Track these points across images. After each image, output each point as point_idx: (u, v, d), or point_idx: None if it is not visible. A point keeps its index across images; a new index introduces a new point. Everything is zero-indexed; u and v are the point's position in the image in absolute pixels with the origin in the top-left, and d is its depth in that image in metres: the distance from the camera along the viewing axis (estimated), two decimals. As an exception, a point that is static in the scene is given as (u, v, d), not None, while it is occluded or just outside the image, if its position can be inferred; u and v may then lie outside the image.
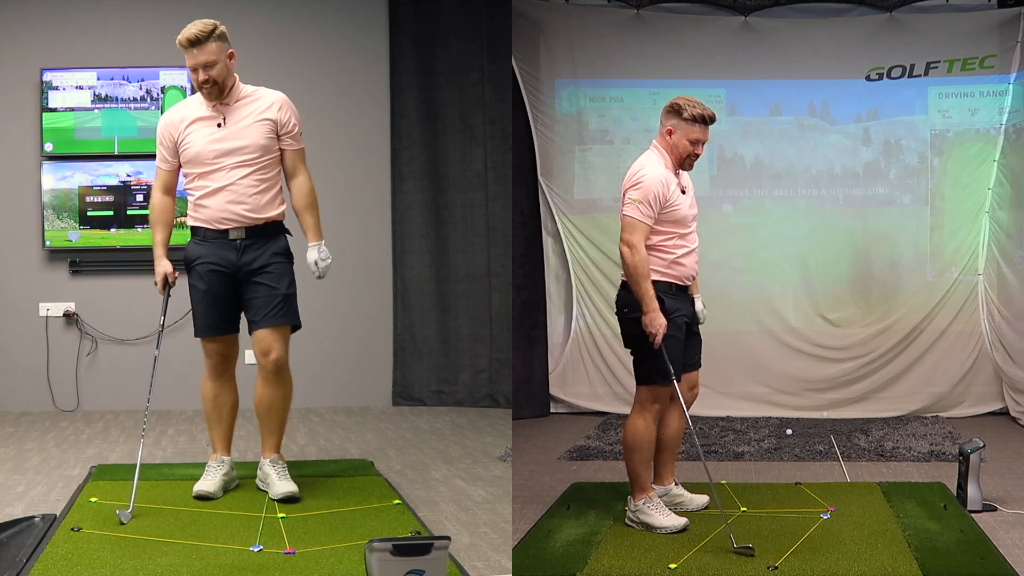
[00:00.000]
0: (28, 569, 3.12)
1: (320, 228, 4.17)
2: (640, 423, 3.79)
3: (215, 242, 4.03)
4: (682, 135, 3.78)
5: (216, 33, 3.93)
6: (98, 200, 6.78)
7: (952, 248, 6.34)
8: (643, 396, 3.81)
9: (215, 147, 3.97)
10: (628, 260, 3.67)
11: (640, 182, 3.70)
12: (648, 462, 3.84)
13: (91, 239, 6.80)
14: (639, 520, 3.80)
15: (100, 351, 6.89)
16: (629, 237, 3.68)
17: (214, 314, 4.09)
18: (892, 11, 6.29)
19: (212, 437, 4.27)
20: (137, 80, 6.80)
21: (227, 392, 4.22)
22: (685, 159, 3.82)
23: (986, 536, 3.64)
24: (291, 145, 4.09)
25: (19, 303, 6.84)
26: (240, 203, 3.99)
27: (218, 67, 3.92)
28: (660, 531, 3.74)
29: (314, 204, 4.15)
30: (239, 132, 3.98)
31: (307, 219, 4.14)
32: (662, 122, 3.85)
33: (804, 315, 6.47)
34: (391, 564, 2.77)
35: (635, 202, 3.68)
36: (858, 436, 5.59)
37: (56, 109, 6.75)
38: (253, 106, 4.03)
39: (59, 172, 6.76)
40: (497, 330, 7.10)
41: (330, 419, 6.54)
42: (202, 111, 4.01)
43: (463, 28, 7.11)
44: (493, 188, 7.12)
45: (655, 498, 3.82)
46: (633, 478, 3.82)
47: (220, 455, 4.22)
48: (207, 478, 4.13)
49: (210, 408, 4.23)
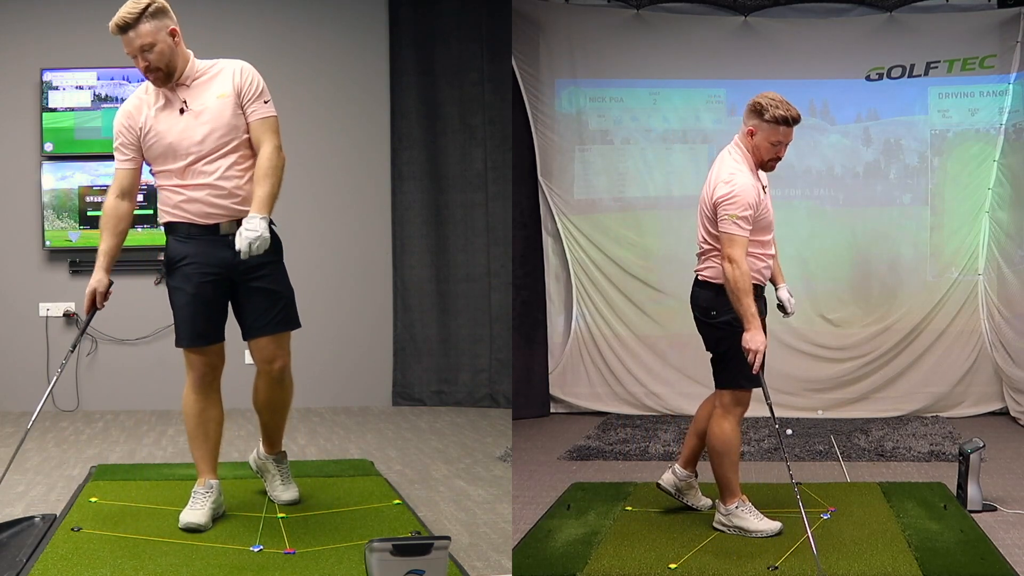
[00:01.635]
0: (28, 569, 3.12)
1: (268, 202, 3.49)
2: (727, 426, 3.68)
3: (204, 239, 3.58)
4: (764, 137, 3.62)
5: (149, 11, 3.42)
6: (98, 200, 6.78)
7: (952, 248, 6.34)
8: (727, 400, 3.71)
9: (187, 136, 3.52)
10: (730, 276, 3.52)
11: (735, 195, 3.52)
12: (736, 465, 3.74)
13: (91, 239, 6.79)
14: (732, 524, 3.71)
15: (100, 351, 6.89)
16: (731, 252, 3.51)
17: (201, 322, 3.63)
18: (892, 11, 6.29)
19: (196, 459, 3.77)
20: (137, 80, 6.77)
21: (212, 407, 3.75)
22: (767, 161, 3.68)
23: (986, 536, 3.64)
24: (254, 113, 3.56)
25: (19, 303, 6.85)
26: (228, 196, 3.56)
27: (158, 48, 3.44)
28: (755, 535, 3.65)
29: (270, 174, 3.52)
30: (206, 115, 3.53)
31: (256, 188, 3.51)
32: (744, 121, 3.69)
33: (804, 315, 6.45)
34: (391, 564, 2.76)
35: (733, 218, 3.52)
36: (858, 436, 5.59)
37: (56, 109, 6.75)
38: (214, 83, 3.56)
39: (59, 172, 6.76)
40: (497, 330, 7.10)
41: (330, 419, 6.54)
42: (160, 99, 3.56)
43: (463, 28, 7.12)
44: (493, 188, 7.12)
45: (747, 502, 3.72)
46: (723, 483, 3.71)
47: (207, 479, 3.73)
48: (194, 507, 3.65)
49: (194, 426, 3.75)
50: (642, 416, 6.30)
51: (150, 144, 3.57)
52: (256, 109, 3.57)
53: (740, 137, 3.70)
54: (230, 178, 3.56)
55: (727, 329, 3.61)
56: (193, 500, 3.71)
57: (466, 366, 7.18)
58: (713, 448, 3.72)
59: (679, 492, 4.00)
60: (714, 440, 3.71)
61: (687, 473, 4.00)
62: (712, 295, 3.68)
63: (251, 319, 3.70)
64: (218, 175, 3.55)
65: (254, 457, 4.14)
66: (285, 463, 4.09)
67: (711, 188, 3.62)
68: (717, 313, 3.66)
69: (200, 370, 3.69)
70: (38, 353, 6.83)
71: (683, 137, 6.55)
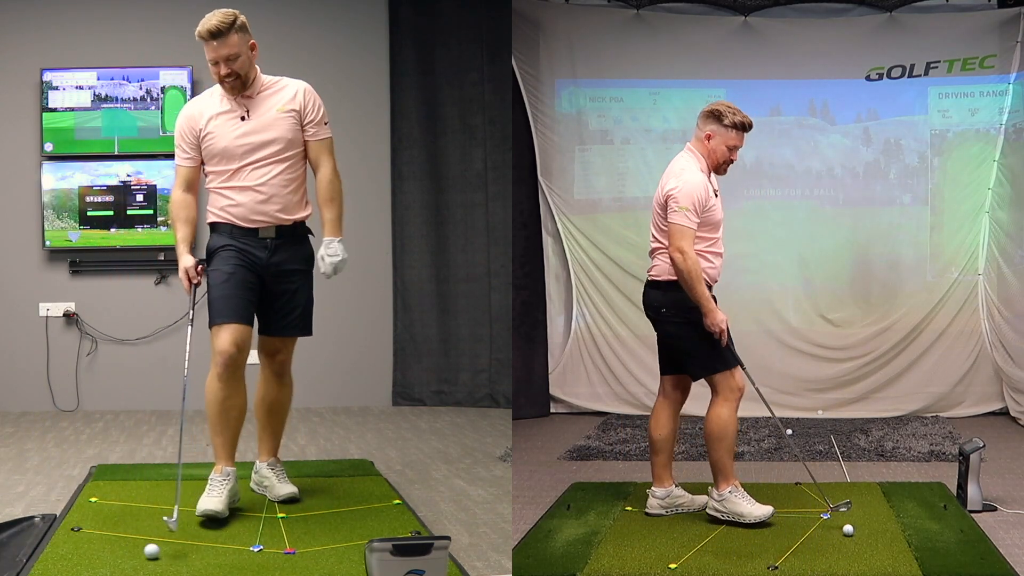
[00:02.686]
0: (28, 569, 3.12)
1: (339, 224, 3.92)
2: (724, 411, 3.79)
3: (243, 240, 3.81)
4: (720, 141, 3.85)
5: (237, 24, 3.70)
6: (98, 200, 6.79)
7: (952, 248, 6.34)
8: (716, 387, 3.83)
9: (243, 141, 3.77)
10: (681, 266, 3.71)
11: (683, 189, 3.74)
12: (732, 451, 3.84)
13: (91, 239, 6.80)
14: (726, 509, 3.79)
15: (100, 351, 6.89)
16: (680, 243, 3.72)
17: (238, 299, 3.76)
18: (892, 11, 6.29)
19: (215, 445, 3.83)
20: (137, 80, 6.80)
21: (237, 395, 3.80)
22: (721, 164, 3.89)
23: (986, 536, 3.64)
24: (314, 135, 3.88)
25: (19, 303, 6.84)
26: (272, 202, 3.81)
27: (241, 59, 3.72)
28: (749, 519, 3.74)
29: (335, 198, 3.92)
30: (265, 125, 3.80)
31: (325, 212, 3.91)
32: (699, 126, 3.89)
33: (804, 315, 6.46)
34: (391, 564, 2.77)
35: (683, 210, 3.72)
36: (858, 436, 5.59)
37: (56, 109, 6.75)
38: (276, 97, 3.84)
39: (59, 172, 6.76)
40: (497, 330, 7.10)
41: (330, 419, 6.54)
42: (223, 105, 3.81)
43: (463, 28, 7.12)
44: (493, 188, 7.12)
45: (740, 487, 3.82)
46: (718, 467, 3.81)
47: (224, 466, 3.80)
48: (211, 495, 3.71)
49: (216, 413, 3.79)
50: (642, 416, 6.29)
51: (208, 145, 3.80)
52: (317, 131, 3.90)
53: (693, 143, 3.93)
54: (275, 186, 3.81)
55: (681, 323, 3.80)
56: (210, 487, 3.75)
57: (466, 366, 7.18)
58: (710, 432, 3.82)
59: (670, 508, 4.00)
60: (711, 425, 3.82)
61: (665, 491, 4.01)
62: (660, 293, 3.86)
63: (270, 318, 3.94)
64: (264, 181, 3.80)
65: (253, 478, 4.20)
66: (279, 465, 4.19)
67: (663, 184, 3.82)
68: (668, 311, 3.85)
69: (229, 351, 3.71)
70: (38, 353, 6.83)
71: (683, 137, 6.48)
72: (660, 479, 4.02)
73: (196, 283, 3.81)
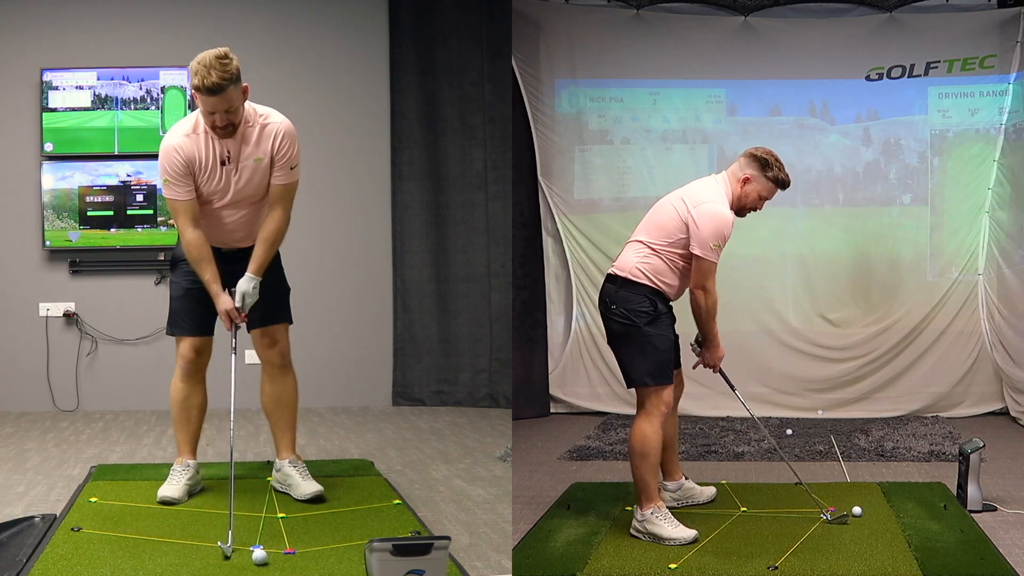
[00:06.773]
0: (28, 569, 3.12)
1: (264, 267, 3.93)
2: (648, 428, 3.69)
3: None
4: (755, 188, 3.77)
5: (235, 76, 3.61)
6: (98, 200, 6.78)
7: (952, 248, 6.34)
8: (643, 400, 3.74)
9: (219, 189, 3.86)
10: (702, 303, 3.72)
11: (720, 229, 3.66)
12: (656, 469, 3.76)
13: (91, 239, 6.80)
14: (647, 531, 3.68)
15: (100, 351, 6.89)
16: (706, 282, 3.70)
17: (196, 314, 4.02)
18: (892, 11, 6.29)
19: (179, 440, 4.20)
20: (137, 80, 6.79)
21: (197, 394, 4.14)
22: (745, 209, 3.81)
23: (986, 536, 3.65)
24: (280, 178, 3.87)
25: (19, 303, 6.84)
26: (236, 234, 3.99)
27: (236, 108, 3.70)
28: (669, 543, 3.62)
29: (276, 242, 3.95)
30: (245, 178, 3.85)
31: (261, 250, 3.91)
32: (740, 164, 3.79)
33: (804, 315, 6.46)
34: (391, 564, 2.77)
35: (717, 248, 3.67)
36: (858, 436, 5.59)
37: (56, 109, 6.74)
38: (256, 144, 3.82)
39: (59, 172, 6.76)
40: (497, 330, 7.10)
41: (330, 419, 6.54)
42: (208, 149, 3.80)
43: (463, 28, 7.11)
44: (493, 188, 7.12)
45: (663, 508, 3.71)
46: (641, 486, 3.70)
47: (186, 459, 4.14)
48: (171, 483, 4.05)
49: (179, 411, 4.15)
50: (642, 416, 6.30)
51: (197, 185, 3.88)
52: (282, 175, 3.88)
53: (729, 176, 3.81)
54: (243, 224, 3.96)
55: (627, 325, 3.71)
56: (171, 477, 4.09)
57: (466, 366, 7.18)
58: (633, 450, 3.71)
59: (682, 500, 4.06)
60: (635, 441, 3.71)
61: (677, 484, 4.09)
62: (615, 289, 3.76)
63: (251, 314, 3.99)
64: (233, 220, 3.95)
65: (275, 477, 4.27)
66: (301, 463, 4.24)
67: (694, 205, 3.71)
68: (617, 307, 3.74)
69: (190, 357, 4.07)
70: (38, 353, 6.83)
71: (683, 137, 6.55)
72: (670, 474, 4.07)
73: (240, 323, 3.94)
